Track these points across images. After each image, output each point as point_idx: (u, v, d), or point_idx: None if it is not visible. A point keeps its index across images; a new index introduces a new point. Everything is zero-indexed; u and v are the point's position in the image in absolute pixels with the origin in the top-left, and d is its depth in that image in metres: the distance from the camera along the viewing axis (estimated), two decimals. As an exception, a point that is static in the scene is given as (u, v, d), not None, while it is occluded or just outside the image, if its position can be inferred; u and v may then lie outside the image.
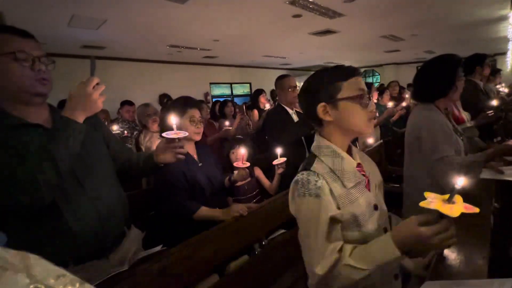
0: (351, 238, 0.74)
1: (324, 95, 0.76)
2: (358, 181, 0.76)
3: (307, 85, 0.82)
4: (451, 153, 1.33)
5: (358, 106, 0.74)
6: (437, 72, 1.44)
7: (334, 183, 0.73)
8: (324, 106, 0.76)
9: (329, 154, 0.77)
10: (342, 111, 0.75)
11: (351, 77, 0.76)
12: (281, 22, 4.27)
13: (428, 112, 1.44)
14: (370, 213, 0.77)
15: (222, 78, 8.91)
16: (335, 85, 0.75)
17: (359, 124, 0.75)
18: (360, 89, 0.75)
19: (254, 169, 1.89)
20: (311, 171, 0.74)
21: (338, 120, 0.76)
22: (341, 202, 0.72)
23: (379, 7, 3.90)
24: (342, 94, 0.75)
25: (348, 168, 0.76)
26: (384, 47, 7.10)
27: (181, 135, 1.01)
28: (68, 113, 0.84)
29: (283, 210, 1.47)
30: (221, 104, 3.74)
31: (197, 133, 1.42)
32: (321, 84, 0.77)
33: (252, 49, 6.45)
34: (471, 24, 5.24)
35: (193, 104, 1.44)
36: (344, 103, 0.74)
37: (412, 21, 4.79)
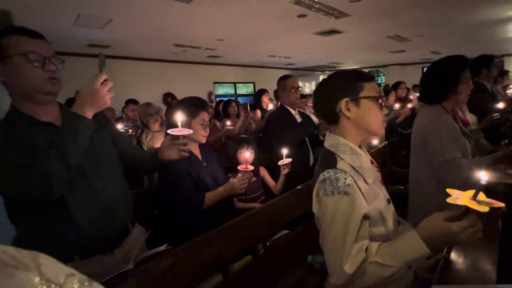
0: (377, 234, 0.75)
1: (348, 91, 0.79)
2: (376, 177, 0.79)
3: (329, 81, 0.84)
4: (458, 155, 1.32)
5: (377, 106, 0.79)
6: (439, 74, 1.43)
7: (359, 180, 0.75)
8: (347, 102, 0.78)
9: (348, 152, 0.78)
10: (362, 109, 0.78)
11: (371, 81, 0.81)
12: (286, 22, 4.26)
13: (435, 113, 1.42)
14: (387, 207, 0.79)
15: (226, 78, 8.93)
16: (359, 84, 0.79)
17: (375, 123, 0.80)
18: (378, 92, 0.80)
19: (259, 168, 1.88)
20: (338, 169, 0.74)
21: (357, 116, 0.79)
22: (368, 198, 0.74)
23: (385, 7, 3.87)
24: (364, 93, 0.79)
25: (366, 165, 0.78)
26: (389, 47, 7.04)
27: (186, 132, 1.02)
28: (77, 109, 0.87)
29: (287, 211, 1.47)
30: (225, 104, 3.74)
31: (205, 136, 1.44)
32: (345, 81, 0.80)
33: (257, 49, 6.45)
34: (478, 24, 5.17)
35: (205, 107, 1.46)
36: (366, 101, 0.78)
37: (418, 21, 4.74)
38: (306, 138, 2.02)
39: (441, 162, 1.33)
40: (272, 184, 1.91)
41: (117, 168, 1.09)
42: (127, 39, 4.72)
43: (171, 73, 7.18)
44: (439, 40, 6.44)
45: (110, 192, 1.00)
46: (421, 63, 10.55)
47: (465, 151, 1.37)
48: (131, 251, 1.01)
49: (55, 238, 0.89)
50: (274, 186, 1.89)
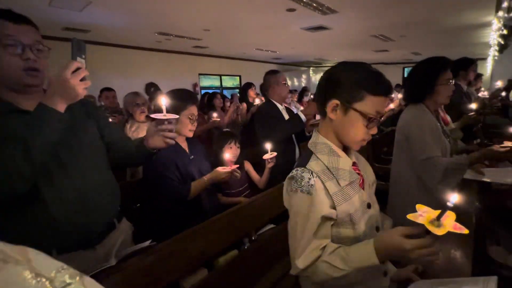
0: (344, 235, 0.75)
1: (344, 95, 0.73)
2: (353, 180, 0.77)
3: (337, 74, 0.75)
4: (438, 153, 1.37)
5: (364, 124, 0.72)
6: (420, 74, 1.48)
7: (329, 181, 0.74)
8: (337, 104, 0.73)
9: (326, 152, 0.77)
10: (348, 118, 0.73)
11: (379, 95, 0.72)
12: (274, 15, 4.22)
13: (418, 112, 1.47)
14: (363, 211, 0.78)
15: (211, 69, 8.76)
16: (361, 93, 0.71)
17: (352, 138, 0.75)
18: (377, 112, 0.72)
19: (244, 162, 1.87)
20: (306, 168, 0.74)
21: (339, 123, 0.75)
22: (336, 200, 0.73)
23: (371, 6, 3.94)
24: (359, 106, 0.71)
25: (344, 166, 0.76)
26: (373, 46, 7.21)
27: (171, 117, 0.96)
28: (47, 100, 0.78)
29: (272, 205, 1.48)
30: (210, 96, 3.68)
31: (192, 130, 1.41)
32: (349, 82, 0.72)
33: (244, 41, 6.36)
34: (457, 28, 5.40)
35: (194, 101, 1.42)
36: (355, 113, 0.72)
37: (402, 22, 4.88)
38: (292, 135, 2.03)
39: (422, 160, 1.38)
40: (256, 178, 1.91)
41: (102, 160, 1.04)
42: (107, 24, 4.47)
43: (154, 63, 6.94)
44: (420, 41, 6.67)
45: (93, 185, 0.95)
46: (403, 63, 10.93)
47: (445, 151, 1.44)
48: (115, 247, 0.98)
49: (29, 231, 0.84)
50: (258, 180, 1.89)
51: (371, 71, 0.73)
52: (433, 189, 1.38)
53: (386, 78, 0.73)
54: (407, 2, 3.83)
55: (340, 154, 0.77)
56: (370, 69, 0.73)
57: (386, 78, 0.73)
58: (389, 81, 0.73)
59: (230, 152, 1.67)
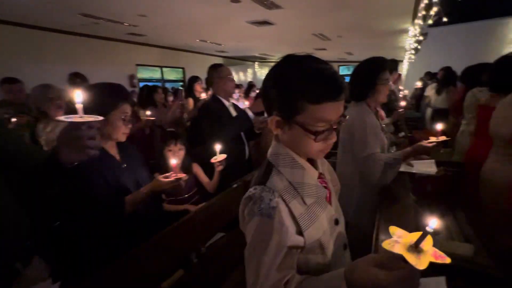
0: (313, 263, 0.65)
1: (283, 108, 0.61)
2: (320, 195, 0.67)
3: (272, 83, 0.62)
4: (378, 150, 1.45)
5: (313, 138, 0.60)
6: (362, 74, 1.55)
7: (293, 201, 0.63)
8: (279, 121, 0.63)
9: (289, 164, 0.65)
10: (293, 133, 0.62)
11: (323, 102, 0.57)
12: (219, 6, 4.02)
13: (361, 110, 1.53)
14: (332, 230, 0.70)
15: (151, 60, 8.02)
16: (300, 103, 0.58)
17: (308, 152, 0.65)
18: (325, 121, 0.59)
19: (191, 165, 1.70)
20: (266, 187, 0.62)
21: (288, 137, 0.65)
22: (302, 223, 0.62)
23: (314, 6, 4.08)
24: (300, 118, 0.59)
25: (310, 181, 0.66)
26: (314, 44, 7.61)
27: (91, 119, 0.70)
28: None
29: (223, 212, 1.37)
30: (150, 90, 3.30)
31: (126, 134, 1.17)
32: (285, 92, 0.60)
33: (187, 32, 5.96)
34: (383, 33, 6.07)
35: (128, 97, 1.17)
36: (298, 128, 0.60)
37: (340, 23, 5.23)
38: (242, 134, 1.93)
39: (364, 157, 1.45)
40: (205, 181, 1.77)
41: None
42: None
43: (79, 49, 5.96)
44: (353, 42, 7.32)
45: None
46: (338, 61, 11.89)
47: (384, 146, 1.54)
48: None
49: None
50: (208, 183, 1.75)
51: (310, 72, 0.58)
52: (374, 185, 1.47)
53: (332, 77, 0.58)
54: (345, 7, 4.09)
55: (305, 165, 0.66)
56: (309, 70, 0.58)
57: (332, 77, 0.58)
58: (336, 79, 0.58)
59: (170, 154, 1.48)
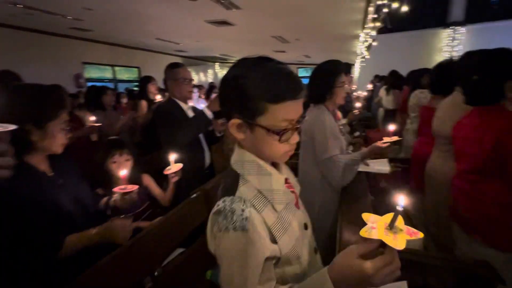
0: (291, 273, 0.62)
1: (243, 110, 0.58)
2: (288, 200, 0.65)
3: (230, 85, 0.59)
4: (337, 152, 1.49)
5: (276, 139, 0.58)
6: (320, 77, 1.58)
7: (265, 210, 0.59)
8: (240, 124, 0.59)
9: (255, 171, 0.61)
10: (256, 136, 0.60)
11: (284, 100, 0.56)
12: (175, 2, 3.82)
13: (320, 113, 1.56)
14: (303, 235, 0.67)
15: (101, 58, 7.35)
16: (260, 104, 0.56)
17: (272, 155, 0.62)
18: (287, 120, 0.58)
19: (142, 177, 1.53)
20: (236, 197, 0.57)
21: (250, 141, 0.61)
22: (276, 232, 0.59)
23: (271, 7, 4.11)
24: (262, 120, 0.57)
25: (278, 187, 0.63)
26: (273, 46, 7.74)
27: None
28: None
29: (181, 226, 1.26)
30: (98, 91, 2.95)
31: (63, 144, 1.00)
32: (244, 94, 0.56)
33: (141, 29, 5.58)
34: (337, 37, 6.42)
35: (66, 103, 1.00)
36: (261, 130, 0.58)
37: (297, 27, 5.38)
38: (200, 136, 1.82)
39: (324, 159, 1.47)
40: (159, 194, 1.58)
41: None
42: None
43: (10, 44, 5.18)
44: (311, 46, 7.62)
45: None
46: (296, 64, 12.30)
47: (342, 148, 1.58)
48: None
49: None
50: (161, 196, 1.57)
51: (268, 72, 0.57)
52: (335, 186, 1.50)
53: (290, 76, 0.58)
54: (300, 11, 4.21)
55: (271, 171, 0.63)
56: (266, 70, 0.57)
57: (290, 76, 0.58)
58: (294, 77, 0.58)
59: (115, 167, 1.31)
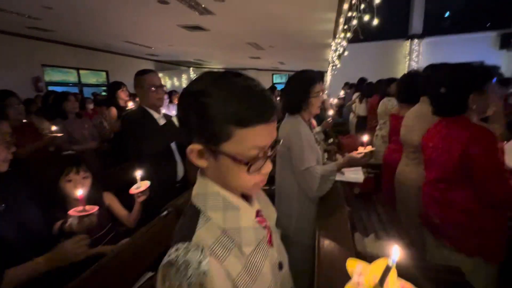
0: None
1: (205, 134, 0.48)
2: (260, 239, 0.55)
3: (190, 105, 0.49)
4: (314, 163, 1.48)
5: (244, 169, 0.49)
6: (295, 88, 1.57)
7: (229, 256, 0.49)
8: (201, 151, 0.50)
9: (220, 207, 0.52)
10: (220, 165, 0.50)
11: (254, 124, 0.46)
12: (144, 5, 3.66)
13: (296, 123, 1.54)
14: (276, 279, 0.58)
15: (64, 61, 6.84)
16: (227, 128, 0.46)
17: (240, 187, 0.53)
18: (257, 147, 0.48)
19: (104, 195, 1.38)
20: (192, 244, 0.47)
21: (214, 170, 0.52)
22: (242, 285, 0.50)
23: (246, 14, 4.11)
24: (227, 146, 0.47)
25: (247, 223, 0.53)
26: (248, 53, 7.77)
27: None
28: None
29: (151, 247, 1.15)
30: (58, 98, 2.69)
31: (7, 161, 0.86)
32: (207, 116, 0.46)
33: (107, 30, 5.28)
34: (310, 46, 6.60)
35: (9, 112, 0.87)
36: (226, 159, 0.48)
37: (271, 34, 5.44)
38: (173, 146, 1.71)
39: (302, 171, 1.46)
40: (123, 214, 1.41)
41: None
42: None
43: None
44: (285, 53, 7.77)
45: None
46: (271, 70, 12.51)
47: (319, 158, 1.57)
48: None
49: None
50: (126, 217, 1.41)
51: (235, 90, 0.47)
52: (312, 197, 1.49)
53: (261, 95, 0.48)
54: (273, 19, 4.26)
55: (240, 204, 0.53)
56: (233, 88, 0.47)
57: (261, 95, 0.48)
58: (266, 97, 0.48)
59: (71, 186, 1.17)
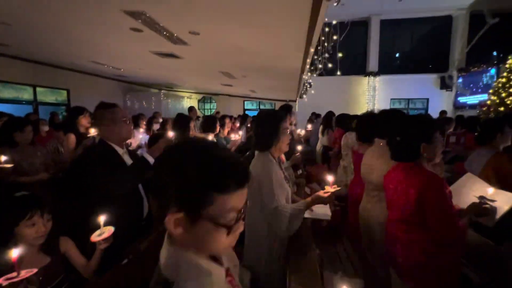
0: None
1: (186, 201, 0.50)
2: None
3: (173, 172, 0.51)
4: (283, 201, 1.50)
5: (225, 232, 0.52)
6: (265, 125, 1.63)
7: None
8: (180, 218, 0.51)
9: (194, 275, 0.52)
10: (199, 231, 0.51)
11: (234, 190, 0.51)
12: (115, 29, 3.60)
13: (266, 161, 1.57)
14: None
15: (17, 77, 6.28)
16: (208, 194, 0.49)
17: (216, 249, 0.56)
18: (235, 210, 0.52)
19: (59, 241, 1.22)
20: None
21: (190, 237, 0.53)
22: None
23: (219, 47, 4.25)
24: (209, 212, 0.50)
25: (219, 286, 0.55)
26: (221, 80, 7.92)
27: None
28: None
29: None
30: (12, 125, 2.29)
31: None
32: (189, 184, 0.49)
33: (72, 50, 5.04)
34: (280, 77, 6.97)
35: None
36: (207, 224, 0.51)
37: (243, 65, 5.66)
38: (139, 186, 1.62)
39: (271, 209, 1.46)
40: (80, 263, 1.27)
41: None
42: None
43: None
44: (256, 82, 8.08)
45: None
46: (243, 97, 12.86)
47: (288, 196, 1.60)
48: None
49: None
50: (83, 267, 1.26)
51: (214, 159, 0.51)
52: (281, 236, 1.49)
53: (238, 163, 0.53)
54: (244, 53, 4.47)
55: (211, 268, 0.55)
56: (212, 157, 0.52)
57: (238, 163, 0.53)
58: (241, 166, 0.54)
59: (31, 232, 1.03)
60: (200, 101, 13.18)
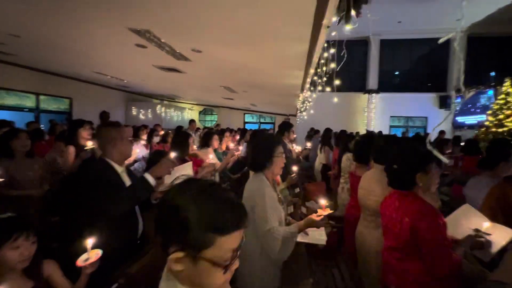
0: None
1: (187, 242, 0.54)
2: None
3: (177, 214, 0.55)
4: (276, 224, 1.48)
5: (222, 272, 0.56)
6: (259, 147, 1.64)
7: None
8: (180, 258, 0.55)
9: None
10: (198, 269, 0.55)
11: (233, 231, 0.55)
12: (121, 46, 3.70)
13: (260, 183, 1.57)
14: None
15: (20, 85, 6.36)
16: (209, 236, 0.54)
17: (212, 286, 0.59)
18: (232, 250, 0.56)
19: (44, 264, 1.18)
20: None
21: (189, 274, 0.57)
22: None
23: (221, 64, 4.35)
24: (208, 252, 0.54)
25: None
26: (222, 94, 8.04)
27: None
28: None
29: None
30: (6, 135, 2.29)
31: None
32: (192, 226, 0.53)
33: (75, 60, 5.14)
34: (280, 94, 7.07)
35: None
36: (206, 263, 0.55)
37: (244, 81, 5.76)
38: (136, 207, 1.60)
39: (264, 231, 1.45)
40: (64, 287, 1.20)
41: None
42: None
43: None
44: (257, 97, 8.18)
45: None
46: (244, 109, 12.97)
47: (281, 219, 1.59)
48: None
49: None
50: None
51: (215, 202, 0.56)
52: (274, 260, 1.47)
53: (234, 205, 0.58)
54: (245, 70, 4.55)
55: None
56: (213, 201, 0.56)
57: (234, 205, 0.58)
58: (238, 207, 0.58)
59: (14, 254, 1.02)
60: (201, 112, 13.29)
